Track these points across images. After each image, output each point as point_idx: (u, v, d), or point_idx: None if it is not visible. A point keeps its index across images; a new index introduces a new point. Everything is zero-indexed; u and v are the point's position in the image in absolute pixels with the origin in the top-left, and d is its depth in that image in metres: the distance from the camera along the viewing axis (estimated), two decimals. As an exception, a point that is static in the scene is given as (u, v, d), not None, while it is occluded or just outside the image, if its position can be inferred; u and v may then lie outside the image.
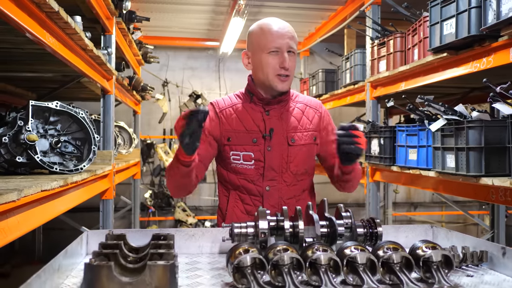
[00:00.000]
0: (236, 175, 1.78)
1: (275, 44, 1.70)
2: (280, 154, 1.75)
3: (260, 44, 1.73)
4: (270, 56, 1.71)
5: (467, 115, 2.53)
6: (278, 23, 1.77)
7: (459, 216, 7.52)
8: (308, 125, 1.81)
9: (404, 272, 1.22)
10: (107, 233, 1.40)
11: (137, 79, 4.73)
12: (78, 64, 2.64)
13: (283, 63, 1.69)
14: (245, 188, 1.78)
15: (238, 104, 1.81)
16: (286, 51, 1.71)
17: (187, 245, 1.56)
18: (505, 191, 2.37)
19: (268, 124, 1.76)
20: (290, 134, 1.77)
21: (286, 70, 1.70)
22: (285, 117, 1.79)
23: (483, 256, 1.40)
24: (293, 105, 1.83)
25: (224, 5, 5.33)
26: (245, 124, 1.77)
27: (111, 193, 3.63)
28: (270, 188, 1.76)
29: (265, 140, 1.75)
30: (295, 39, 1.75)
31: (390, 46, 3.73)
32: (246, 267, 1.20)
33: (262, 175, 1.75)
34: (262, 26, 1.76)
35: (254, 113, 1.78)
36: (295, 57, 1.76)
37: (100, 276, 1.05)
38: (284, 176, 1.77)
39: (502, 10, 2.20)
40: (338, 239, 1.40)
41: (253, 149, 1.75)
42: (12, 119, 2.38)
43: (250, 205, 1.77)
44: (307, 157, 1.81)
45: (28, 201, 1.74)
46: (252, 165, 1.75)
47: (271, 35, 1.72)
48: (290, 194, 1.78)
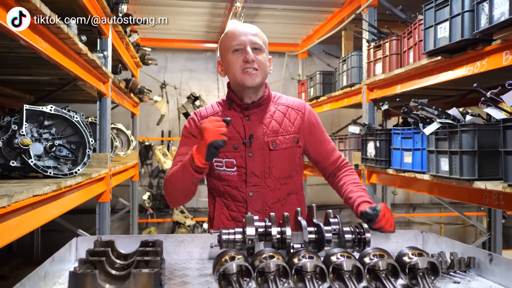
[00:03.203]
0: (220, 181, 1.77)
1: (236, 42, 1.72)
2: (261, 160, 1.75)
3: (226, 46, 1.75)
4: (234, 55, 1.72)
5: (461, 118, 2.53)
6: (241, 25, 1.82)
7: (458, 217, 7.50)
8: (290, 127, 1.79)
9: (390, 279, 1.22)
10: (96, 239, 1.40)
11: (134, 82, 4.74)
12: (72, 68, 2.64)
13: (246, 57, 1.69)
14: (229, 194, 1.77)
15: (219, 112, 1.80)
16: (249, 47, 1.71)
17: (176, 251, 1.56)
18: (498, 195, 2.37)
19: (248, 130, 1.75)
20: (271, 139, 1.76)
21: (252, 63, 1.69)
22: (266, 121, 1.78)
23: (471, 263, 1.40)
24: (275, 108, 1.81)
25: (221, 8, 5.34)
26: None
27: (108, 196, 3.63)
28: (253, 194, 1.75)
29: (245, 147, 1.74)
30: (259, 36, 1.75)
31: (386, 48, 3.73)
32: (231, 275, 1.21)
33: (245, 181, 1.74)
34: (227, 31, 1.80)
35: (234, 119, 1.76)
36: (263, 54, 1.74)
37: (85, 284, 1.06)
38: (267, 181, 1.75)
39: (494, 14, 2.21)
40: (326, 245, 1.40)
41: (235, 156, 1.74)
42: (6, 123, 2.39)
43: (235, 211, 1.77)
44: (290, 160, 1.79)
45: (19, 206, 1.75)
46: (234, 171, 1.75)
47: (233, 35, 1.74)
48: (274, 198, 1.77)
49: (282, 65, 7.27)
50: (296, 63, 7.30)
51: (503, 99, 1.88)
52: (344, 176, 1.85)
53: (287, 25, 6.09)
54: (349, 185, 1.80)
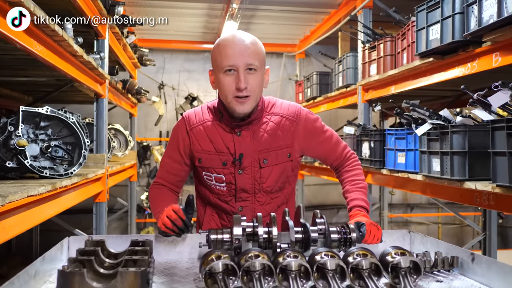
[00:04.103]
0: (211, 193, 1.74)
1: (229, 62, 1.56)
2: (252, 176, 1.69)
3: (217, 63, 1.60)
4: (226, 76, 1.58)
5: (452, 119, 2.56)
6: (236, 38, 1.60)
7: (456, 217, 7.52)
8: (283, 141, 1.70)
9: (372, 278, 1.25)
10: (87, 239, 1.44)
11: (131, 82, 4.77)
12: (68, 69, 2.67)
13: (238, 84, 1.56)
14: (219, 207, 1.74)
15: (208, 122, 1.71)
16: (243, 69, 1.56)
17: (167, 251, 1.60)
18: (488, 195, 2.40)
19: (238, 147, 1.67)
20: (262, 155, 1.68)
21: (243, 91, 1.57)
22: (257, 136, 1.68)
23: (454, 262, 1.43)
24: (267, 119, 1.71)
25: (218, 9, 5.37)
26: (215, 145, 1.69)
27: (104, 196, 3.66)
28: (243, 208, 1.71)
29: (235, 165, 1.67)
30: (256, 53, 1.59)
31: (380, 50, 3.76)
32: (217, 273, 1.24)
33: (235, 196, 1.70)
34: (220, 42, 1.62)
35: (224, 133, 1.68)
36: (258, 74, 1.60)
37: (73, 283, 1.09)
38: (257, 196, 1.71)
39: (483, 16, 2.23)
40: (312, 244, 1.43)
41: (224, 172, 1.68)
42: (3, 125, 2.42)
43: (225, 221, 1.76)
44: (281, 175, 1.72)
45: (13, 206, 1.78)
46: (224, 186, 1.70)
47: (226, 52, 1.57)
48: (265, 212, 1.71)
49: (280, 66, 7.31)
50: (294, 63, 7.33)
51: (489, 101, 1.91)
52: (344, 171, 1.80)
53: (284, 26, 6.12)
54: (347, 183, 1.76)
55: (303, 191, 7.00)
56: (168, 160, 1.78)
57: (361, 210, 1.65)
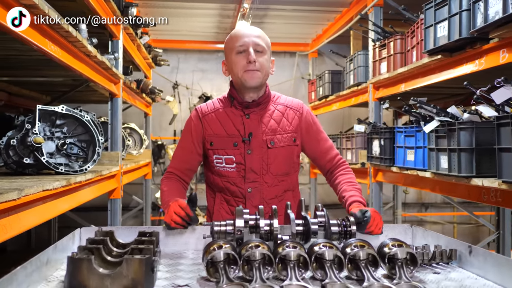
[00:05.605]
0: (220, 177, 1.87)
1: (239, 43, 1.80)
2: (260, 157, 1.83)
3: (230, 47, 1.83)
4: (238, 56, 1.80)
5: (460, 116, 2.56)
6: (245, 27, 1.89)
7: (471, 217, 7.44)
8: (288, 127, 1.87)
9: (369, 268, 1.29)
10: (97, 230, 1.51)
11: (145, 82, 4.86)
12: (82, 69, 2.76)
13: (249, 58, 1.77)
14: (229, 190, 1.87)
15: (220, 109, 1.89)
16: (252, 47, 1.78)
17: (174, 242, 1.66)
18: (496, 192, 2.40)
19: (247, 128, 1.84)
20: (269, 137, 1.84)
21: (253, 64, 1.77)
22: (265, 120, 1.86)
23: (452, 254, 1.46)
24: (274, 107, 1.90)
25: (230, 9, 5.44)
26: (226, 128, 1.85)
27: (119, 193, 3.76)
28: (252, 190, 1.83)
29: (244, 144, 1.82)
30: (262, 38, 1.82)
31: (390, 48, 3.76)
32: (219, 262, 1.29)
33: (244, 177, 1.83)
34: (231, 33, 1.88)
35: (234, 117, 1.86)
36: (265, 55, 1.81)
37: (81, 269, 1.15)
38: (265, 178, 1.84)
39: (489, 13, 2.24)
40: (312, 236, 1.47)
41: (234, 153, 1.83)
42: (20, 123, 2.52)
43: (234, 206, 1.85)
44: (287, 158, 1.87)
45: (29, 199, 1.86)
46: (234, 168, 1.83)
47: (236, 37, 1.82)
48: (272, 194, 1.85)
49: (293, 65, 7.33)
50: (307, 62, 7.35)
51: (492, 97, 1.92)
52: (339, 175, 1.92)
53: (296, 25, 6.15)
54: (344, 184, 1.86)
55: (316, 190, 7.01)
56: (180, 150, 1.93)
57: (362, 203, 1.73)
